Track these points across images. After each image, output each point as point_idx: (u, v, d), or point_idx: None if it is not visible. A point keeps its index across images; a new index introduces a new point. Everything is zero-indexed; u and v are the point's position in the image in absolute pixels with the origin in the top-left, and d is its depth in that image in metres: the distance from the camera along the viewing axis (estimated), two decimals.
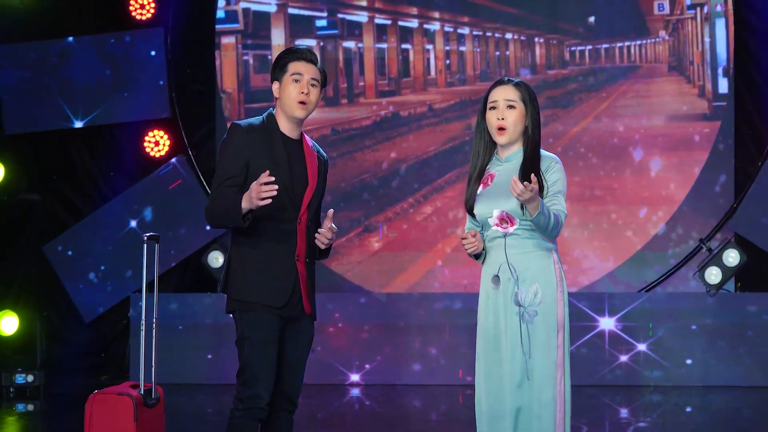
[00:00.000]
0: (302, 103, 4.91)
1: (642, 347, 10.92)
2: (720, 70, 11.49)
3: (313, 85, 4.95)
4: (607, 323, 10.98)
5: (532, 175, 4.55)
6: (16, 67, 11.36)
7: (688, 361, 10.89)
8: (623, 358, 10.97)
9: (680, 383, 10.85)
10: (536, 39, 11.88)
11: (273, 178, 4.59)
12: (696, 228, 11.38)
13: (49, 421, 9.80)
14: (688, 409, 9.94)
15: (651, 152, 11.55)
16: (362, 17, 11.93)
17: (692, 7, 11.60)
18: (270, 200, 4.60)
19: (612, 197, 11.59)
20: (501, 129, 4.74)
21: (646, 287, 11.33)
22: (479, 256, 4.77)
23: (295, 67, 4.92)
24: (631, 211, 11.53)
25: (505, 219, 4.69)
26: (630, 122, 11.64)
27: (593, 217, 11.56)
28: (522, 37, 11.88)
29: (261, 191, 4.57)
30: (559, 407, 4.66)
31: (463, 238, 4.69)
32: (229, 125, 4.92)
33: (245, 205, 4.64)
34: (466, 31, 11.91)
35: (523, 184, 4.43)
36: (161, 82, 11.54)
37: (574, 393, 4.86)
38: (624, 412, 9.87)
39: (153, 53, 11.50)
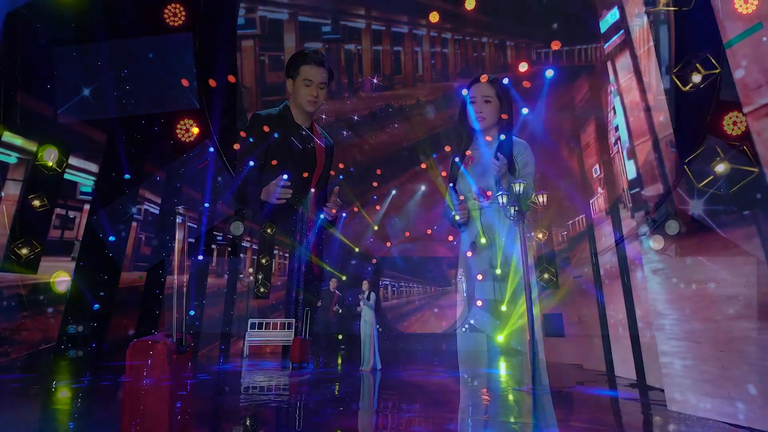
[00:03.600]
0: (311, 102, 4.97)
1: (599, 299, 11.00)
2: (663, 69, 11.51)
3: (321, 88, 5.01)
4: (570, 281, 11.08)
5: (499, 154, 4.62)
6: (68, 66, 11.36)
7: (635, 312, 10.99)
8: (584, 310, 11.04)
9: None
10: (508, 42, 11.89)
11: (289, 183, 4.64)
12: (643, 202, 11.43)
13: (95, 364, 9.85)
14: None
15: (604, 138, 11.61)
16: (361, 24, 11.92)
17: (639, 15, 11.61)
18: (284, 200, 4.64)
19: (573, 177, 11.63)
20: (480, 118, 4.80)
21: (602, 251, 11.39)
22: (462, 224, 4.82)
23: (305, 72, 4.98)
24: (589, 189, 11.57)
25: (482, 194, 4.74)
26: (587, 113, 11.67)
27: (558, 193, 11.60)
28: (495, 41, 11.88)
29: (278, 194, 4.61)
30: (528, 355, 4.72)
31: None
32: (250, 115, 4.95)
33: (263, 196, 4.69)
34: (448, 35, 11.91)
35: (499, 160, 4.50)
36: (190, 79, 11.55)
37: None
38: (582, 357, 9.94)
39: (184, 54, 11.51)
